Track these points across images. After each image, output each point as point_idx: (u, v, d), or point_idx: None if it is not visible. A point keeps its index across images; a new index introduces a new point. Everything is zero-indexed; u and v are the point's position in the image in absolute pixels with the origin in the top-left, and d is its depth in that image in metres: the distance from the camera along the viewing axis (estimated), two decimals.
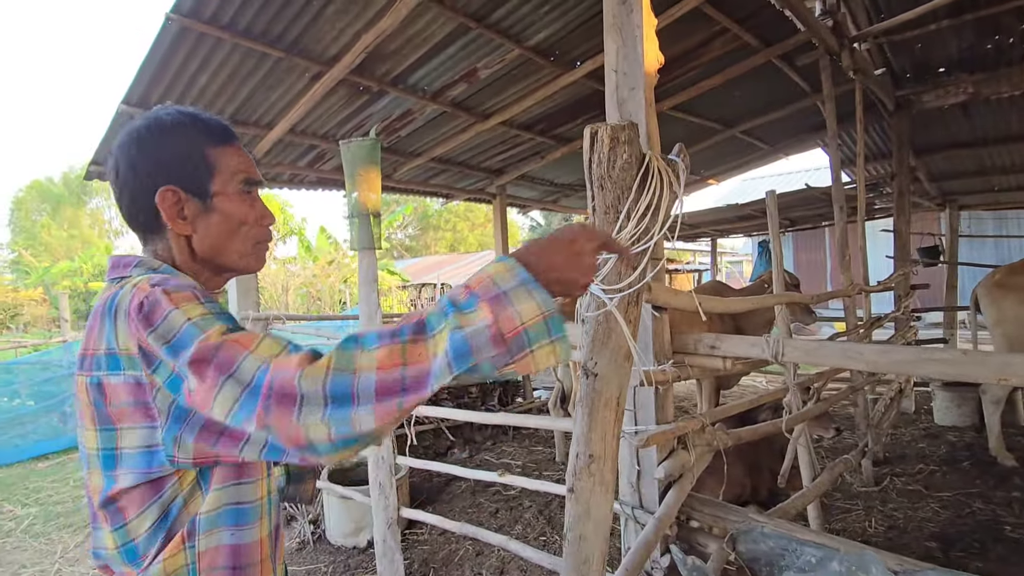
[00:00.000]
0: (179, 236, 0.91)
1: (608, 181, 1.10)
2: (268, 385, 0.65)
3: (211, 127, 0.93)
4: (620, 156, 1.08)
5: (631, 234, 1.10)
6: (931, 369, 1.66)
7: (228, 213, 0.92)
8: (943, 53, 5.37)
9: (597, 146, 1.10)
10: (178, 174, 0.89)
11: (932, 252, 8.01)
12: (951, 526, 3.32)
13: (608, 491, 1.19)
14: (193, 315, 0.74)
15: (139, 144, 0.90)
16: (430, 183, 6.43)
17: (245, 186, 0.94)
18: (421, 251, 26.60)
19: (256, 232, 0.96)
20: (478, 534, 2.85)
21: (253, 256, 0.97)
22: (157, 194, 0.88)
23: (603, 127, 1.09)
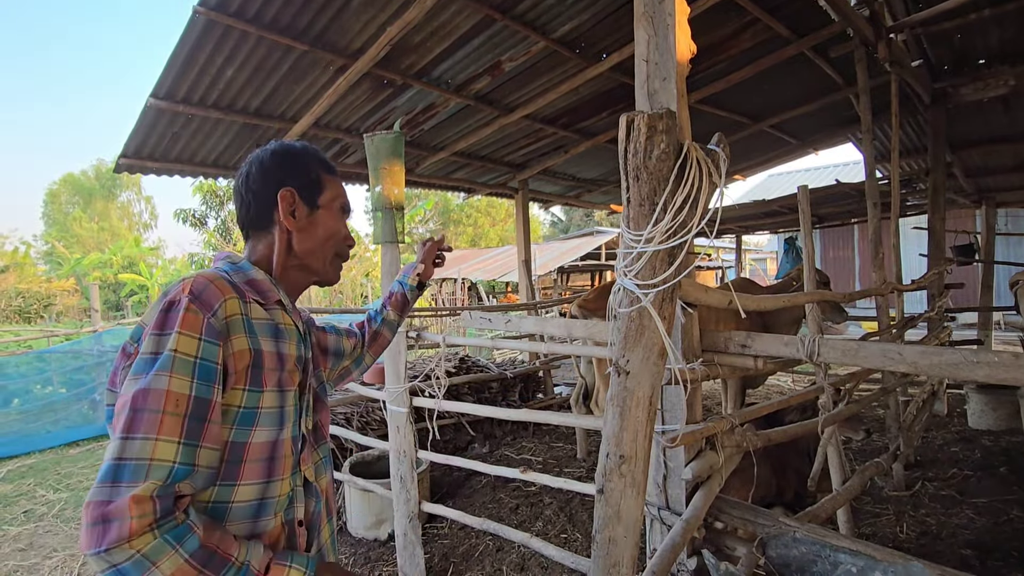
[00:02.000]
0: (284, 233, 1.10)
1: (644, 172, 1.06)
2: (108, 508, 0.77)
3: (325, 160, 1.18)
4: (657, 146, 1.03)
5: (667, 227, 1.06)
6: (980, 373, 1.58)
7: (326, 224, 1.13)
8: (984, 44, 5.18)
9: (633, 135, 1.05)
10: (298, 183, 1.11)
11: (967, 250, 7.76)
12: (987, 534, 3.21)
13: (640, 493, 1.15)
14: (182, 350, 0.87)
15: (273, 156, 1.12)
16: (452, 177, 6.41)
17: (341, 210, 1.18)
18: None
19: (339, 247, 1.17)
20: (499, 531, 2.82)
21: (332, 267, 1.17)
22: (280, 191, 1.08)
23: (640, 115, 1.04)
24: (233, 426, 0.94)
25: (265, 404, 0.97)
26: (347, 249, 1.19)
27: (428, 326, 10.25)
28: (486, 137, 5.34)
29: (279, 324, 1.03)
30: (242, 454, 0.95)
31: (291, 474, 1.03)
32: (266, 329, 1.00)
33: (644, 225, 1.08)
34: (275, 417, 0.99)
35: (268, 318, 1.01)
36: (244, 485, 0.95)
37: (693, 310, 2.05)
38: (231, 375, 0.93)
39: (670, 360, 2.03)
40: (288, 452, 1.02)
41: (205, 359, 0.88)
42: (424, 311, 8.74)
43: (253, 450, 0.96)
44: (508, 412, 3.01)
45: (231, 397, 0.93)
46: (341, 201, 1.17)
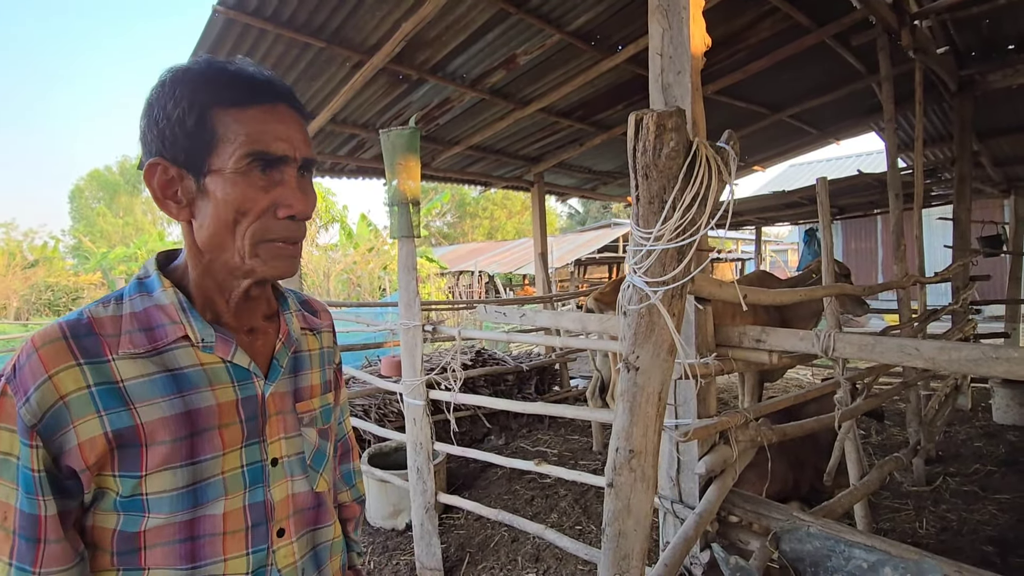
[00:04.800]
0: (186, 223, 0.74)
1: (653, 170, 1.06)
2: None
3: (229, 81, 0.71)
4: (667, 144, 1.04)
5: (677, 225, 1.07)
6: (999, 369, 1.56)
7: (220, 197, 0.70)
8: (1014, 29, 5.04)
9: (642, 133, 1.06)
10: (171, 143, 0.71)
11: (994, 241, 7.58)
12: (1010, 530, 3.17)
13: (649, 487, 1.17)
14: (1, 449, 0.67)
15: (147, 103, 0.72)
16: (468, 171, 6.43)
17: (252, 162, 0.71)
18: (459, 238, 26.75)
19: (262, 227, 0.73)
20: (514, 522, 2.86)
21: (258, 259, 0.74)
22: (144, 169, 0.71)
23: (649, 113, 1.05)
24: (119, 513, 0.72)
25: (152, 489, 0.71)
26: (286, 227, 0.75)
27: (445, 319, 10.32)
28: (501, 131, 5.34)
29: (184, 369, 0.73)
30: (136, 542, 0.73)
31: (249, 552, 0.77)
32: (151, 388, 0.71)
33: (653, 223, 1.09)
34: (180, 499, 0.73)
35: (158, 369, 0.72)
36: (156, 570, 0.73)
37: (706, 305, 2.05)
38: (84, 471, 0.68)
39: (680, 356, 2.03)
40: (231, 527, 0.76)
41: (24, 464, 0.67)
42: (440, 304, 8.80)
43: (151, 536, 0.73)
44: (523, 405, 3.03)
45: (103, 482, 0.71)
46: (247, 148, 0.70)
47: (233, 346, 0.78)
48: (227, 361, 0.77)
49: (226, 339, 0.77)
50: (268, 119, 0.72)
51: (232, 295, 0.78)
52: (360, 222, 16.34)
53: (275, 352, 0.84)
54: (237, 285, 0.78)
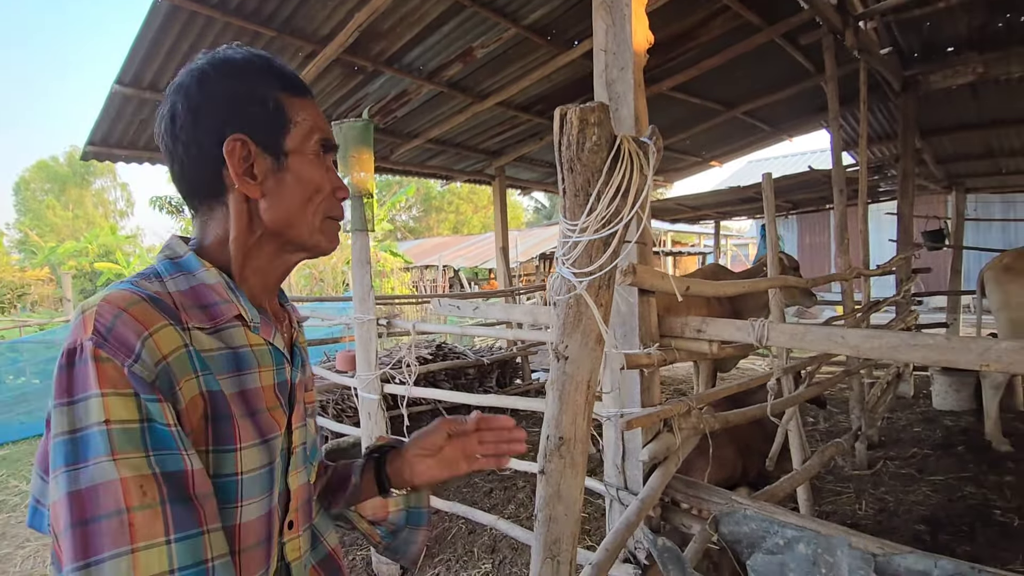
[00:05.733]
0: (243, 202, 0.74)
1: (578, 163, 1.09)
2: None
3: (287, 74, 0.77)
4: (589, 138, 1.07)
5: (601, 216, 1.10)
6: (916, 355, 1.65)
7: (304, 176, 0.75)
8: (952, 32, 5.25)
9: (567, 128, 1.09)
10: (250, 121, 0.72)
11: (937, 236, 7.92)
12: (941, 509, 3.34)
13: (579, 473, 1.20)
14: (116, 417, 0.58)
15: (202, 83, 0.72)
16: (428, 164, 6.40)
17: (322, 148, 0.78)
18: (424, 232, 26.58)
19: (329, 205, 0.79)
20: (469, 513, 2.88)
21: (324, 234, 0.79)
22: (225, 143, 0.71)
23: (572, 109, 1.08)
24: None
25: (247, 466, 0.69)
26: (340, 206, 0.82)
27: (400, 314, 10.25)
28: (461, 124, 5.33)
29: (240, 349, 0.72)
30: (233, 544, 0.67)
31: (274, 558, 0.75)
32: (222, 362, 0.69)
33: (579, 215, 1.12)
34: (265, 481, 0.71)
35: (221, 346, 0.70)
36: None
37: (649, 297, 2.10)
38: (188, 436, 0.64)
39: (619, 345, 2.08)
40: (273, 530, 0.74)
41: (154, 421, 0.60)
42: (397, 298, 8.74)
43: (247, 534, 0.69)
44: (482, 398, 3.06)
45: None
46: (321, 135, 0.77)
47: (273, 328, 0.78)
48: (270, 343, 0.77)
49: (268, 321, 0.78)
50: (318, 111, 0.79)
51: (273, 276, 0.80)
52: None
53: (294, 338, 0.85)
54: (289, 262, 0.80)
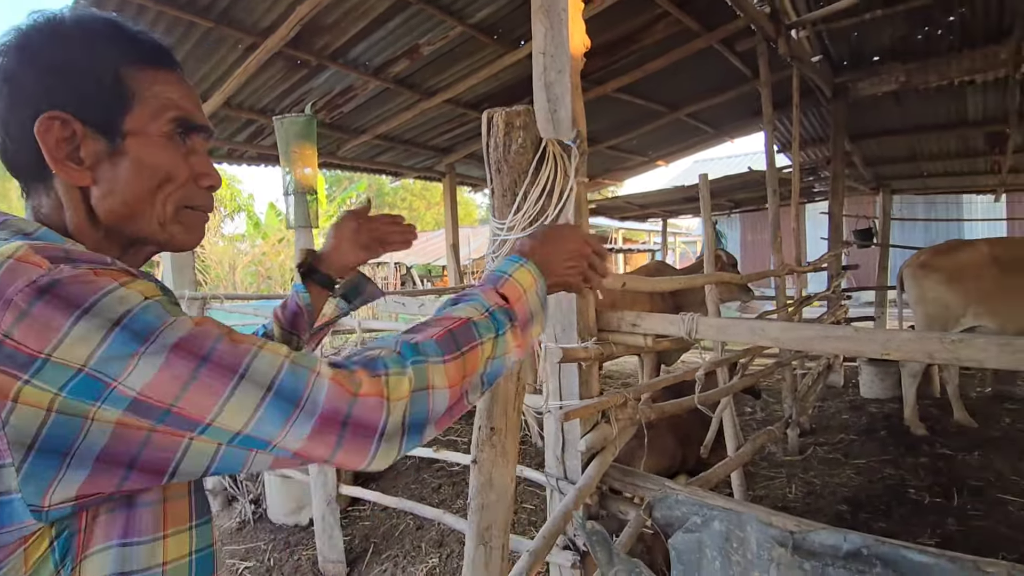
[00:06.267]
0: (72, 188, 0.64)
1: (505, 165, 1.13)
2: (340, 411, 0.53)
3: (139, 41, 0.66)
4: (515, 141, 1.11)
5: (528, 215, 1.14)
6: (828, 345, 1.78)
7: (147, 161, 0.65)
8: (877, 42, 5.58)
9: (493, 131, 1.13)
10: (76, 97, 0.62)
11: (866, 234, 8.40)
12: (862, 490, 3.57)
13: (510, 462, 1.25)
14: (150, 294, 0.54)
15: (22, 47, 0.62)
16: (377, 161, 6.34)
17: (177, 128, 0.67)
18: None
19: (186, 193, 0.69)
20: (415, 509, 2.90)
21: (181, 226, 0.69)
22: (38, 122, 0.60)
23: (498, 112, 1.12)
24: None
25: None
26: (204, 196, 0.72)
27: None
28: (409, 121, 5.31)
29: None
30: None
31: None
32: None
33: (507, 214, 1.16)
34: None
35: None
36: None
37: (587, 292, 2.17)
38: None
39: (558, 339, 2.15)
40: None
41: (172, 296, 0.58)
42: None
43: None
44: None
45: None
46: (175, 113, 0.67)
47: None
48: None
49: None
50: (182, 85, 0.69)
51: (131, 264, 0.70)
52: (269, 211, 15.61)
53: None
54: (136, 256, 0.71)
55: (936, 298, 4.46)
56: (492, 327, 0.67)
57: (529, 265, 0.75)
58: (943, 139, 7.17)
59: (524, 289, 0.72)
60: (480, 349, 0.65)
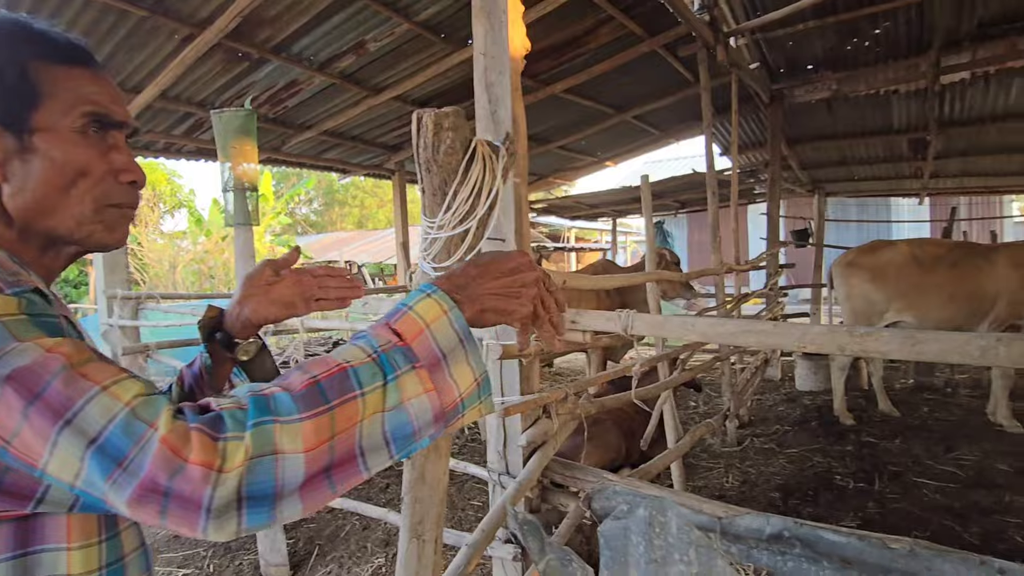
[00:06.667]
0: None
1: (434, 164, 1.15)
2: (160, 480, 0.47)
3: (49, 38, 0.66)
4: (444, 141, 1.13)
5: (458, 214, 1.17)
6: (750, 339, 1.88)
7: (56, 158, 0.64)
8: (811, 52, 5.86)
9: (423, 131, 1.15)
10: None
11: (802, 234, 8.80)
12: (793, 478, 3.75)
13: (441, 457, 1.27)
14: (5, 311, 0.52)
15: None
16: (324, 157, 6.23)
17: (92, 123, 0.66)
18: (327, 227, 25.68)
19: (105, 190, 0.67)
20: (359, 509, 2.88)
21: (102, 224, 0.68)
22: None
23: (428, 113, 1.14)
24: None
25: None
26: (127, 191, 0.70)
27: None
28: (356, 117, 5.25)
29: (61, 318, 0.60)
30: None
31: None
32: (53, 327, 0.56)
33: (438, 213, 1.18)
34: None
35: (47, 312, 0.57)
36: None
37: None
38: None
39: (498, 336, 2.18)
40: None
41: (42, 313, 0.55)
42: None
43: None
44: None
45: None
46: (89, 108, 0.66)
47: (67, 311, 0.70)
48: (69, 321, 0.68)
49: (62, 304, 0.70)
50: (98, 81, 0.68)
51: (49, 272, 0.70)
52: (212, 207, 15.08)
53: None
54: (57, 257, 0.69)
55: (861, 295, 4.73)
56: (379, 372, 0.55)
57: (438, 295, 0.61)
58: (871, 145, 7.58)
59: (427, 323, 0.59)
60: (360, 402, 0.53)
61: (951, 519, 3.05)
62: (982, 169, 8.06)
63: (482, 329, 0.69)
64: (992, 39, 5.21)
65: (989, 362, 1.51)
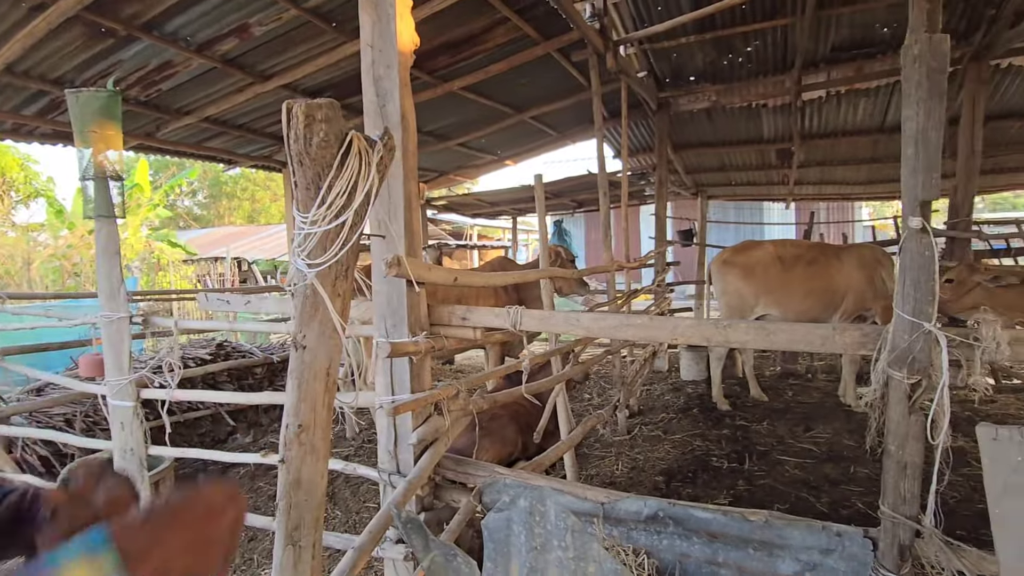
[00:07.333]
0: None
1: (307, 158, 1.12)
2: None
3: None
4: (316, 134, 1.10)
5: (332, 210, 1.14)
6: (629, 333, 1.99)
7: None
8: (693, 64, 6.27)
9: (293, 122, 1.11)
10: None
11: (687, 234, 9.41)
12: (676, 462, 4.02)
13: (319, 459, 1.24)
14: None
15: None
16: (207, 146, 5.81)
17: None
18: (213, 221, 23.94)
19: None
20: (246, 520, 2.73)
21: None
22: None
23: (298, 104, 1.10)
24: None
25: None
26: None
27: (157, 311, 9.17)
28: (242, 104, 4.94)
29: None
30: None
31: None
32: None
33: (311, 207, 1.15)
34: None
35: None
36: None
37: (420, 288, 2.20)
38: None
39: (389, 334, 2.15)
40: None
41: None
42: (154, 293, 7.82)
43: None
44: (253, 397, 2.91)
45: None
46: None
47: None
48: None
49: None
50: None
51: None
52: (76, 197, 13.56)
53: None
54: None
55: (735, 290, 5.14)
56: None
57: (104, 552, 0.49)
58: (746, 153, 8.26)
59: None
60: None
61: (807, 491, 3.41)
62: (836, 178, 9.03)
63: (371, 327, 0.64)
64: (843, 62, 5.86)
65: (829, 349, 1.70)
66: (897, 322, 1.44)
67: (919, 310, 1.39)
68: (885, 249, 5.41)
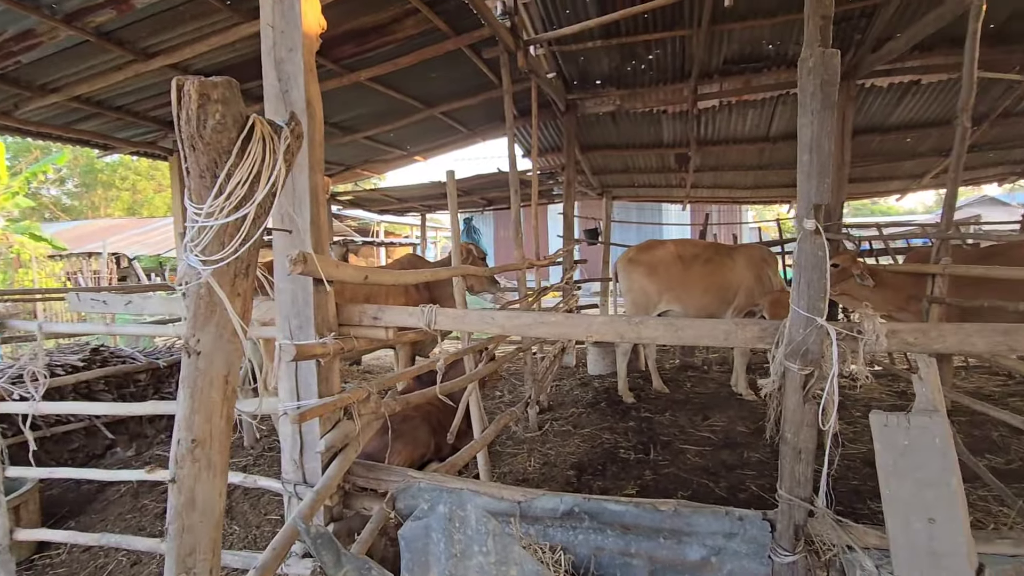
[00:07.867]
0: None
1: (200, 142, 1.01)
2: None
3: None
4: (212, 116, 0.99)
5: (230, 200, 1.04)
6: (543, 330, 1.99)
7: None
8: (599, 68, 6.45)
9: (185, 102, 0.99)
10: None
11: (593, 233, 9.70)
12: (586, 456, 4.11)
13: (216, 475, 1.12)
14: None
15: None
16: (77, 128, 5.21)
17: None
18: (86, 212, 21.63)
19: None
20: (124, 543, 2.47)
21: None
22: None
23: (191, 81, 0.99)
24: None
25: None
26: None
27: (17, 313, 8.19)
28: (121, 84, 4.47)
29: None
30: None
31: None
32: None
33: (207, 198, 1.04)
34: None
35: None
36: None
37: (328, 286, 2.08)
38: None
39: (294, 335, 2.03)
40: None
41: None
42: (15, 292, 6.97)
43: None
44: (137, 408, 2.63)
45: None
46: None
47: None
48: None
49: None
50: None
51: None
52: None
53: None
54: None
55: (640, 287, 5.36)
56: None
57: None
58: (647, 156, 8.64)
59: None
60: None
61: (706, 477, 3.61)
62: (727, 182, 9.69)
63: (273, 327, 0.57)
64: (734, 74, 6.28)
65: (731, 344, 1.79)
66: (793, 317, 1.53)
67: (812, 306, 1.50)
68: (771, 249, 5.86)
